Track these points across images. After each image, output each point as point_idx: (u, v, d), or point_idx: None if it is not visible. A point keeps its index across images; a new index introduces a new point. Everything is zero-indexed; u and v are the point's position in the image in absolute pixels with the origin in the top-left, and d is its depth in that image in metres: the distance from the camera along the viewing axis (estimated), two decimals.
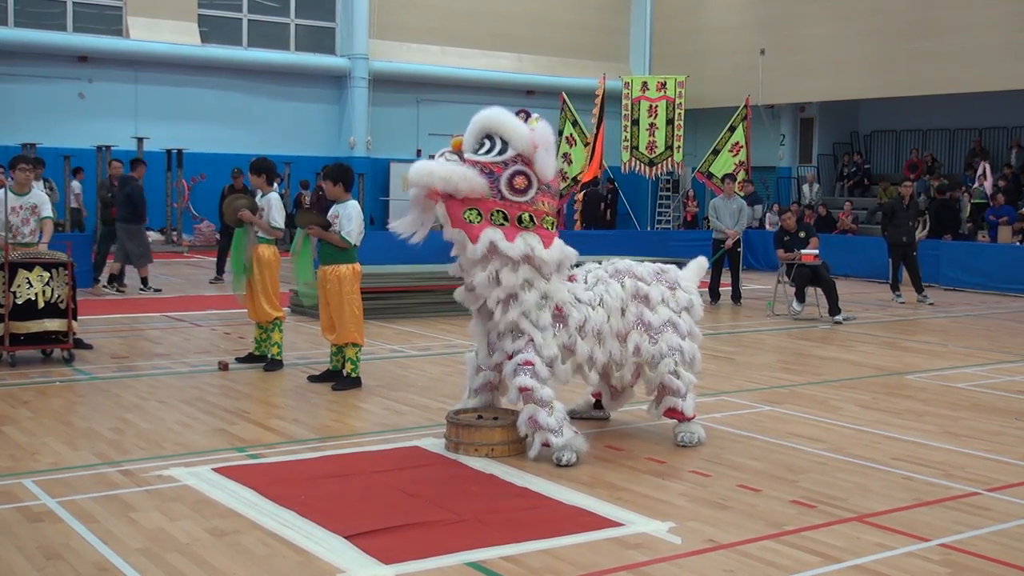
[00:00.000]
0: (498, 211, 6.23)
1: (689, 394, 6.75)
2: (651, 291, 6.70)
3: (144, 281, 14.95)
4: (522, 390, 6.19)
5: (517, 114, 6.46)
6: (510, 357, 6.30)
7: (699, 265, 7.25)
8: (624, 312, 6.60)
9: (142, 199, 14.82)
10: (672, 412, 6.76)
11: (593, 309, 6.46)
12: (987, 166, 21.80)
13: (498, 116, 6.31)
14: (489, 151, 6.25)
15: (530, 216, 6.30)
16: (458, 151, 6.30)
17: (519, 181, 6.25)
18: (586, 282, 6.62)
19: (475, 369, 6.72)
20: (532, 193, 6.29)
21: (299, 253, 8.42)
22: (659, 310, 6.69)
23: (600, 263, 6.91)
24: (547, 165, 6.31)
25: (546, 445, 6.20)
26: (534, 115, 6.48)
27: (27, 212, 9.46)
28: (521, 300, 6.24)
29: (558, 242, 6.37)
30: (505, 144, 6.25)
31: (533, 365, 6.20)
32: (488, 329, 6.52)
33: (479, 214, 6.20)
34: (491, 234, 6.18)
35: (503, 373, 6.40)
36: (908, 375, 9.65)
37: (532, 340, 6.24)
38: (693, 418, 6.80)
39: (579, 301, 6.44)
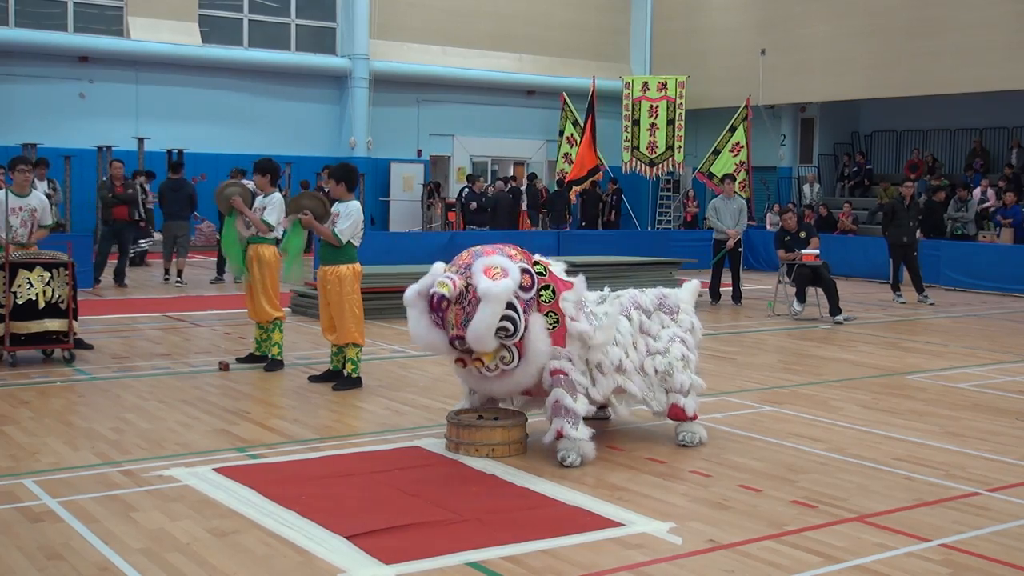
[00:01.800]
0: (542, 290, 6.26)
1: (691, 394, 6.78)
2: (651, 324, 6.84)
3: (180, 273, 16.14)
4: (555, 372, 6.22)
5: (439, 303, 6.11)
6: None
7: (693, 287, 7.35)
8: (635, 345, 6.71)
9: (197, 196, 16.70)
10: (675, 409, 6.77)
11: (607, 352, 6.53)
12: (987, 183, 21.79)
13: (486, 320, 5.97)
14: (514, 326, 6.05)
15: (550, 289, 6.32)
16: (492, 357, 6.13)
17: (526, 280, 6.18)
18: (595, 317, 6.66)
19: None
20: (535, 284, 6.24)
21: (288, 235, 8.45)
22: (663, 333, 6.83)
23: (602, 295, 6.93)
24: (512, 269, 6.15)
25: (560, 435, 6.20)
26: (447, 291, 6.10)
27: (27, 214, 9.46)
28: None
29: (575, 283, 6.45)
30: (512, 307, 6.04)
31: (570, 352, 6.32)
32: None
33: (554, 315, 6.23)
34: (566, 303, 6.33)
35: None
36: (909, 375, 9.65)
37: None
38: (695, 418, 6.82)
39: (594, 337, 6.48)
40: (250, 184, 10.20)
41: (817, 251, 13.47)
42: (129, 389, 8.31)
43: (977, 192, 21.20)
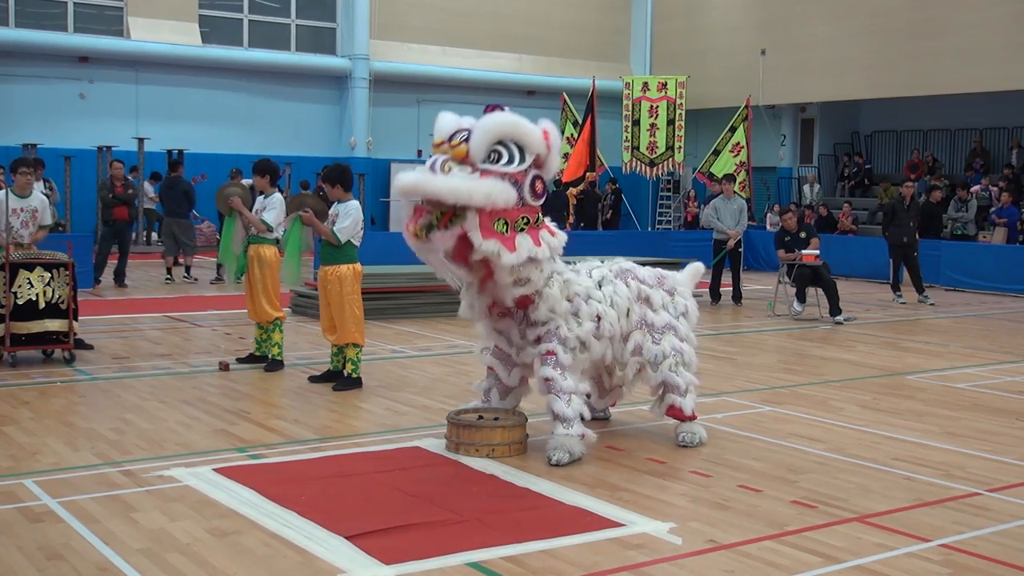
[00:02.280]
0: (523, 218, 6.17)
1: (689, 393, 6.78)
2: (653, 294, 6.77)
3: (188, 270, 16.61)
4: (545, 380, 6.26)
5: (495, 108, 6.36)
6: (538, 340, 6.35)
7: (695, 270, 7.29)
8: (629, 313, 6.65)
9: (195, 194, 16.98)
10: (672, 409, 6.77)
11: (606, 311, 6.49)
12: (987, 182, 21.79)
13: (515, 123, 6.11)
14: (508, 161, 6.07)
15: (526, 226, 6.23)
16: (465, 160, 6.02)
17: (539, 186, 6.22)
18: (590, 277, 6.65)
19: (507, 365, 6.68)
20: (539, 195, 6.26)
21: (288, 233, 8.46)
22: (661, 313, 6.77)
23: (603, 261, 6.94)
24: (555, 165, 6.33)
25: (553, 413, 6.27)
26: (505, 109, 6.39)
27: (27, 215, 9.47)
28: (547, 295, 6.27)
29: (543, 234, 6.32)
30: (522, 151, 6.12)
31: (556, 355, 6.26)
32: (506, 329, 6.51)
33: (506, 224, 6.07)
34: (524, 241, 6.11)
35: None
36: (909, 375, 9.65)
37: (557, 328, 6.29)
38: (694, 418, 6.82)
39: (590, 299, 6.47)
40: (250, 182, 10.21)
41: (817, 251, 13.48)
42: (129, 389, 8.31)
43: (977, 189, 21.19)
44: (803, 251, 13.45)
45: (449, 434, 6.54)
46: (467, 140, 6.02)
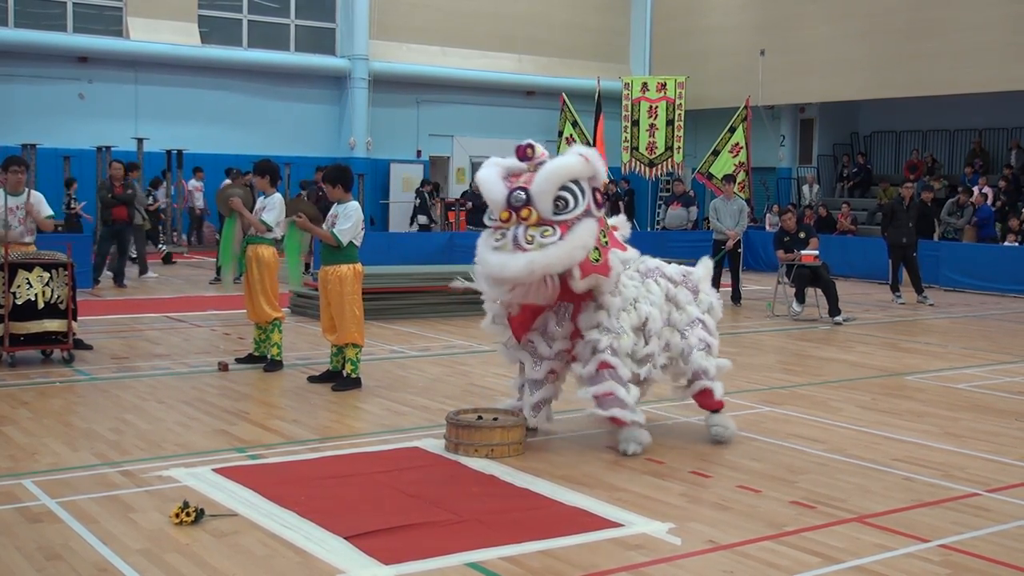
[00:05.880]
0: (602, 232, 6.41)
1: (719, 378, 6.89)
2: (680, 292, 6.86)
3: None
4: (603, 366, 6.35)
5: (525, 149, 6.42)
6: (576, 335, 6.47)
7: (707, 267, 7.32)
8: (661, 311, 6.74)
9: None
10: (704, 393, 6.83)
11: (651, 312, 6.62)
12: (985, 181, 21.80)
13: (562, 168, 6.29)
14: (575, 201, 6.27)
15: (604, 237, 6.49)
16: (541, 222, 6.21)
17: (599, 197, 6.45)
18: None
19: (534, 360, 6.71)
20: (603, 210, 6.51)
21: (286, 238, 8.46)
22: (688, 309, 6.85)
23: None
24: (603, 173, 6.50)
25: (617, 423, 6.39)
26: (537, 146, 6.48)
27: (22, 212, 9.43)
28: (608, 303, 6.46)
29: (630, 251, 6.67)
30: (578, 184, 6.31)
31: (614, 347, 6.40)
32: (542, 320, 6.61)
33: (596, 250, 6.32)
34: (614, 258, 6.40)
35: (575, 352, 6.53)
36: (908, 376, 9.65)
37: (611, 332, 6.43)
38: (722, 404, 6.91)
39: (638, 301, 6.59)
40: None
41: (816, 252, 13.48)
42: (128, 390, 8.31)
43: (977, 194, 21.18)
44: (802, 251, 13.45)
45: (448, 434, 6.54)
46: (528, 202, 6.20)
